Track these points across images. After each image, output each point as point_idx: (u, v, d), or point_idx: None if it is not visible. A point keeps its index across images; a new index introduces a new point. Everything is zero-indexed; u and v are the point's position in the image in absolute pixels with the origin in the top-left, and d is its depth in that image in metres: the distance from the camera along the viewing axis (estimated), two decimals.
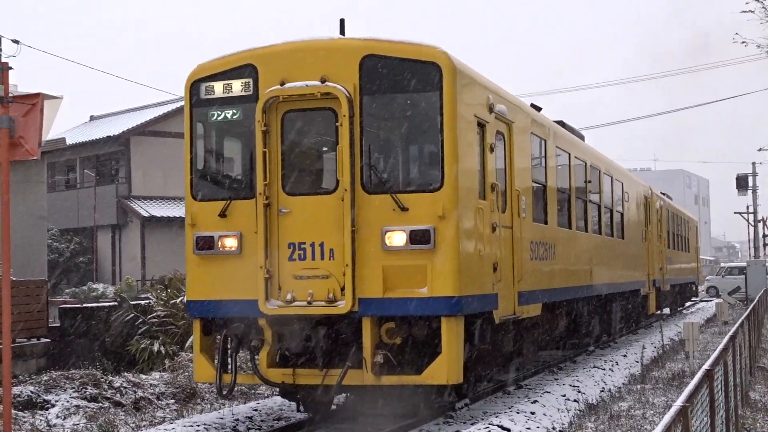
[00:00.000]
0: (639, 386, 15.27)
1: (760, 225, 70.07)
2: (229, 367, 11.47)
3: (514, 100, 13.70)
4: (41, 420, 13.26)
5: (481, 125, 11.97)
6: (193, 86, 11.82)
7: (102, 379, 15.49)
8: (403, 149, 11.68)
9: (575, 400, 13.45)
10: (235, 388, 12.03)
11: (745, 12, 31.57)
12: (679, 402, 5.83)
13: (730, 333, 11.97)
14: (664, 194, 32.73)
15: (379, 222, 10.95)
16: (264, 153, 11.21)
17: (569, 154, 16.97)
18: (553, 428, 11.50)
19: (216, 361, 11.55)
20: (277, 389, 12.43)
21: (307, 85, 11.14)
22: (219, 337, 11.66)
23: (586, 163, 18.34)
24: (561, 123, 17.58)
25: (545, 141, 15.24)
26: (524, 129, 14.00)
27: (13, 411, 11.91)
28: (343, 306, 10.91)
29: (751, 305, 21.69)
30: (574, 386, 14.66)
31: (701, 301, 48.81)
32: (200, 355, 11.68)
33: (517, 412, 12.00)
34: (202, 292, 11.58)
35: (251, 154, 11.42)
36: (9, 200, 9.86)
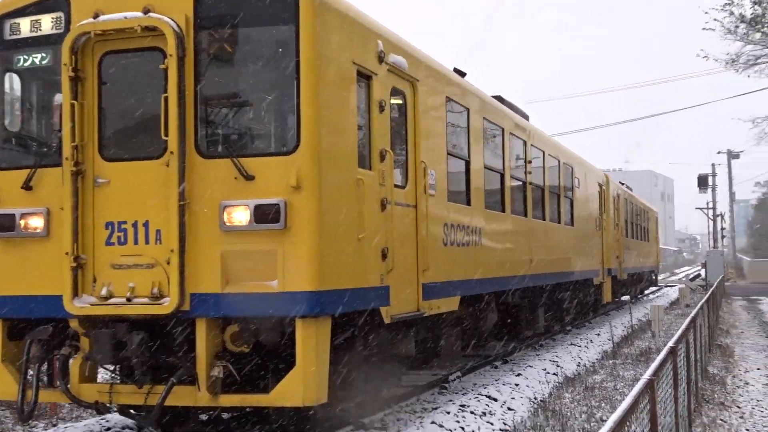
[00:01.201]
0: (611, 361, 15.21)
1: (719, 219, 71.54)
2: (32, 381, 7.92)
3: (421, 55, 10.09)
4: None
5: (366, 76, 8.42)
6: None
7: None
8: (249, 100, 8.04)
9: (554, 374, 13.35)
10: None
11: (705, 30, 30.02)
12: (647, 375, 5.78)
13: (692, 315, 11.71)
14: (622, 184, 28.86)
15: (217, 195, 7.52)
16: (73, 106, 7.68)
17: (503, 129, 13.26)
18: (535, 398, 11.28)
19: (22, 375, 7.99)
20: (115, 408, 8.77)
21: (126, 18, 7.65)
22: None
23: (525, 142, 14.60)
24: (499, 98, 13.93)
25: (468, 110, 11.57)
26: (436, 91, 10.40)
27: None
28: (168, 304, 7.36)
29: (710, 290, 22.07)
30: (553, 361, 14.60)
31: (666, 286, 46.79)
32: (1, 366, 8.10)
33: (504, 384, 11.91)
34: (2, 285, 8.06)
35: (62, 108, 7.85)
36: None
